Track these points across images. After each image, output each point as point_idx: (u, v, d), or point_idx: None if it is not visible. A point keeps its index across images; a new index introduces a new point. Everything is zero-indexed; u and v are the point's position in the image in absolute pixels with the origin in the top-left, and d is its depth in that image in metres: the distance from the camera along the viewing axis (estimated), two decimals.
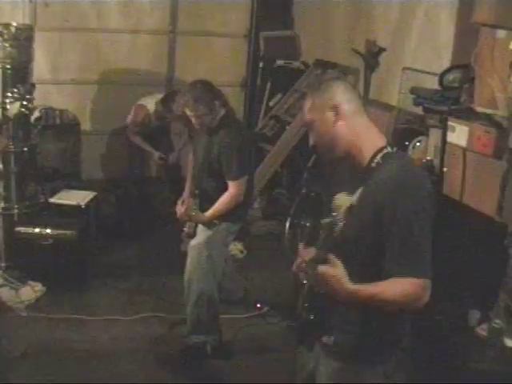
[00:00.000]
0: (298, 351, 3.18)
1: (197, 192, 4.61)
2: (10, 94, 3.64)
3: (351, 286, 2.31)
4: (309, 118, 2.55)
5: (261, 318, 5.32)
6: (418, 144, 4.95)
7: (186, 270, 4.63)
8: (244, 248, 6.33)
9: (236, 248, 6.32)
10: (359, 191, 2.46)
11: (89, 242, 5.82)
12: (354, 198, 2.42)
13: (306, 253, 2.44)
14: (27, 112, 3.96)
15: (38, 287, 5.36)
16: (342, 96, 2.53)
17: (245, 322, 5.23)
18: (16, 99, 4.48)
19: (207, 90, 4.42)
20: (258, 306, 5.43)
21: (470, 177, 4.23)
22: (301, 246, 2.53)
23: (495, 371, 3.11)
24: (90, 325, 5.01)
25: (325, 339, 2.69)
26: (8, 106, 3.57)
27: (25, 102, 3.62)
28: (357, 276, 2.33)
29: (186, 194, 4.83)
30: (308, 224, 6.32)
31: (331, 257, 2.28)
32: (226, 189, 4.47)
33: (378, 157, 2.49)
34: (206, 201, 4.54)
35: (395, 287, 2.37)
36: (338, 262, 2.28)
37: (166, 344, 4.86)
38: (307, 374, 3.03)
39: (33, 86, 3.82)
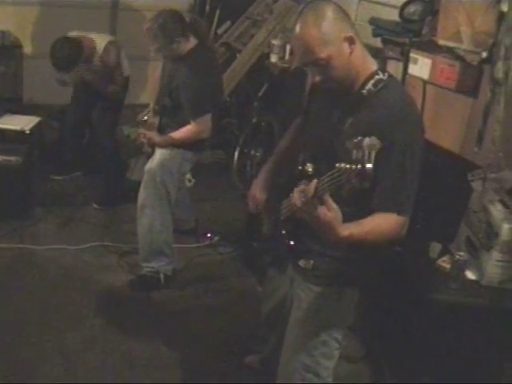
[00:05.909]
0: (269, 274, 3.17)
1: (157, 108, 4.54)
2: None
3: (342, 232, 2.19)
4: (324, 56, 2.31)
5: (211, 248, 5.31)
6: None
7: (139, 194, 4.53)
8: (192, 177, 6.22)
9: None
10: (350, 119, 2.39)
11: (33, 169, 5.58)
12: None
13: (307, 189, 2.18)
14: None
15: None
16: (347, 22, 2.37)
17: (196, 251, 5.21)
18: None
19: (173, 22, 4.25)
20: (209, 235, 5.42)
21: (430, 110, 4.22)
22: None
23: (458, 303, 3.17)
24: (37, 254, 4.88)
25: (302, 263, 2.67)
26: None
27: None
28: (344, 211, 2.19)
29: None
30: (258, 154, 6.27)
31: (329, 200, 2.11)
32: None
33: (370, 83, 2.38)
34: (166, 118, 4.52)
35: (382, 227, 2.34)
36: (335, 207, 2.12)
37: (116, 273, 4.77)
38: (280, 297, 3.03)
39: None
